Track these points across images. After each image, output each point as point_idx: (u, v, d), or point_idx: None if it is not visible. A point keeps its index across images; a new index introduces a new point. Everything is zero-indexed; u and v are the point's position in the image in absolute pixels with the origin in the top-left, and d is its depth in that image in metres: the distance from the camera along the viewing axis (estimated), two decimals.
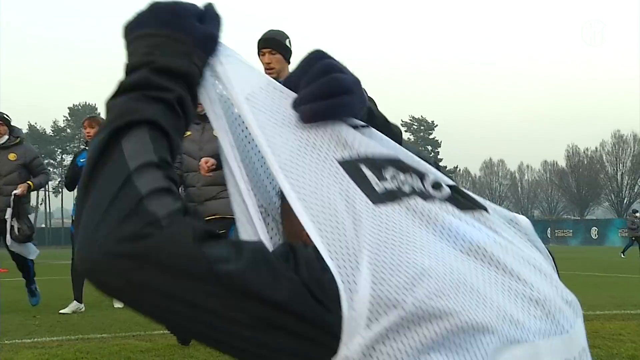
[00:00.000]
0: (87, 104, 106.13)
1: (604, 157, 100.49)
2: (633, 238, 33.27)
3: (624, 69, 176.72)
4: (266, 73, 5.46)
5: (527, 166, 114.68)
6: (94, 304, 9.61)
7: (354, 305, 1.01)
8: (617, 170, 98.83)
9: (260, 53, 6.10)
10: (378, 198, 1.17)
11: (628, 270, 18.91)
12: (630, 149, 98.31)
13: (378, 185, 1.20)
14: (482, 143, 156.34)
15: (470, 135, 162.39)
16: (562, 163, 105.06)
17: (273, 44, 6.00)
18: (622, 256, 31.96)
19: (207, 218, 6.25)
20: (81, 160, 9.37)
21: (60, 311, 9.21)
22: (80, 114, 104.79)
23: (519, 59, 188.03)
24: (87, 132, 9.25)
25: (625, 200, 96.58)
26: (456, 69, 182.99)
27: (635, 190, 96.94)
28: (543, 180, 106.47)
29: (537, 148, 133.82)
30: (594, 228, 64.38)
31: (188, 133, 6.46)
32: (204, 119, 6.24)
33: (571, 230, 68.46)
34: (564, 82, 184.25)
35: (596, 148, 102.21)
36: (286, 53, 6.05)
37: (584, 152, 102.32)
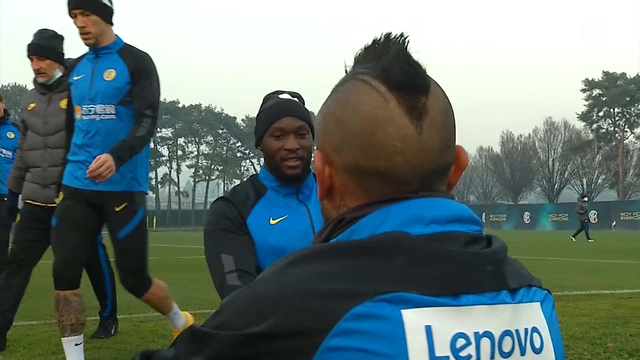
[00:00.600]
0: (17, 84, 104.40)
1: (537, 144, 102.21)
2: (586, 221, 34.00)
3: (556, 60, 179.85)
4: (82, 39, 4.78)
5: (465, 152, 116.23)
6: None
7: None
8: (548, 156, 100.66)
9: (71, 15, 4.77)
10: None
11: (558, 254, 19.33)
12: (561, 136, 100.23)
13: None
14: None
15: None
16: (497, 149, 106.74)
17: (84, 3, 4.68)
18: (573, 240, 31.59)
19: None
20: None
21: None
22: (10, 94, 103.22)
23: (459, 50, 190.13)
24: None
25: (555, 186, 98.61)
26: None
27: (566, 176, 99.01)
28: (479, 165, 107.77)
29: (474, 134, 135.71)
30: (527, 213, 65.60)
31: (32, 105, 5.94)
32: (51, 88, 5.82)
33: (505, 215, 69.69)
34: (499, 70, 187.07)
35: (529, 135, 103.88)
36: (105, 12, 4.78)
37: (518, 138, 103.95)
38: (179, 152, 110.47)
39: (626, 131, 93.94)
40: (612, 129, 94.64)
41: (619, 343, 6.05)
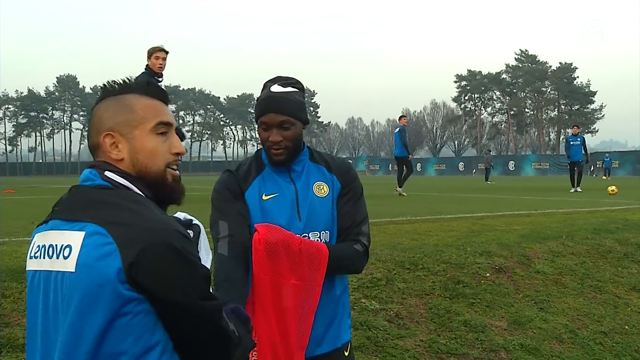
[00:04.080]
0: (70, 74, 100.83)
1: (425, 117, 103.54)
2: (488, 168, 34.09)
3: (437, 57, 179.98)
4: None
5: (377, 122, 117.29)
6: None
7: None
8: (433, 125, 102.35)
9: None
10: None
11: (439, 191, 19.68)
12: (441, 112, 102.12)
13: None
14: (347, 105, 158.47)
15: (339, 100, 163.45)
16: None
17: None
18: (488, 183, 28.81)
19: None
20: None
21: None
22: (65, 82, 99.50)
23: (374, 41, 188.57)
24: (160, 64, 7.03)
25: (437, 146, 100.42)
26: (338, 48, 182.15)
27: (444, 139, 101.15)
28: (387, 132, 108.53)
29: (383, 109, 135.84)
30: (419, 164, 66.29)
31: None
32: None
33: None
34: (400, 61, 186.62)
35: (421, 110, 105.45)
36: None
37: (413, 113, 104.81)
38: (180, 121, 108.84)
39: (481, 109, 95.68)
40: (474, 108, 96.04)
41: (474, 247, 6.22)
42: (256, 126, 2.21)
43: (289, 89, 2.14)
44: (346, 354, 2.22)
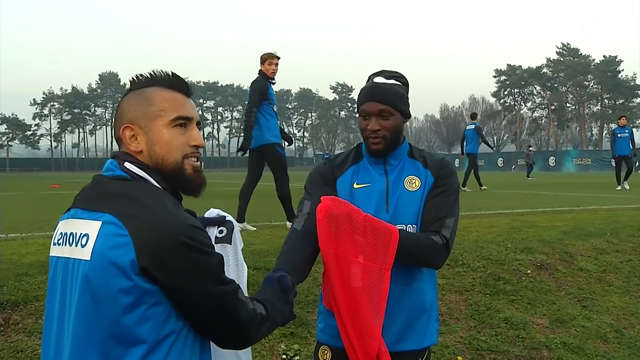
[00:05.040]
0: (111, 72, 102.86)
1: (464, 112, 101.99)
2: (530, 164, 33.64)
3: (476, 52, 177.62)
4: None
5: (415, 117, 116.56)
6: None
7: None
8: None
9: None
10: None
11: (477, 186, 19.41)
12: (480, 107, 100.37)
13: None
14: None
15: None
16: (437, 116, 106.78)
17: None
18: (529, 179, 28.33)
19: None
20: None
21: None
22: (107, 79, 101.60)
23: (409, 36, 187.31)
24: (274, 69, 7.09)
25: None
26: (377, 46, 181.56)
27: (484, 134, 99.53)
28: (425, 127, 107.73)
29: (421, 105, 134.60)
30: (457, 159, 65.43)
31: None
32: None
33: None
34: (438, 57, 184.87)
35: (459, 106, 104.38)
36: None
37: (452, 108, 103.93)
38: (219, 117, 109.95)
39: (521, 105, 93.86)
40: (513, 103, 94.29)
41: (515, 244, 6.13)
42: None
43: (392, 81, 2.14)
44: None
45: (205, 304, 1.37)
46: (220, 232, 1.75)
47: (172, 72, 1.55)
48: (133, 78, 1.54)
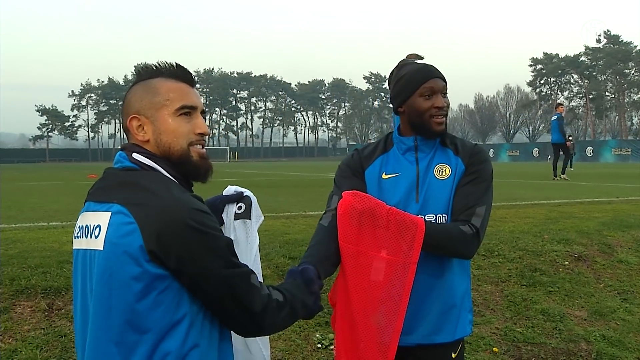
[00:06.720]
0: (147, 63, 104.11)
1: (498, 102, 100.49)
2: (571, 154, 32.47)
3: (512, 42, 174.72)
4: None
5: (449, 107, 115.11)
6: None
7: None
8: (506, 110, 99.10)
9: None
10: None
11: (514, 177, 19.12)
12: (515, 97, 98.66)
13: None
14: None
15: None
16: (471, 105, 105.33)
17: None
18: (570, 169, 26.45)
19: None
20: None
21: None
22: None
23: (445, 28, 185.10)
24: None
25: (511, 131, 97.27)
26: (411, 35, 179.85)
27: (518, 124, 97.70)
28: (459, 117, 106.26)
29: (456, 95, 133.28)
30: (491, 150, 64.69)
31: None
32: None
33: None
34: (472, 46, 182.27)
35: (494, 95, 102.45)
36: None
37: (486, 98, 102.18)
38: (252, 107, 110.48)
39: (558, 94, 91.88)
40: (549, 92, 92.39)
41: (552, 235, 6.07)
42: (390, 102, 2.15)
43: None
44: (454, 356, 2.09)
45: (216, 287, 1.38)
46: (239, 208, 1.77)
47: (176, 63, 1.59)
48: (139, 70, 1.59)
